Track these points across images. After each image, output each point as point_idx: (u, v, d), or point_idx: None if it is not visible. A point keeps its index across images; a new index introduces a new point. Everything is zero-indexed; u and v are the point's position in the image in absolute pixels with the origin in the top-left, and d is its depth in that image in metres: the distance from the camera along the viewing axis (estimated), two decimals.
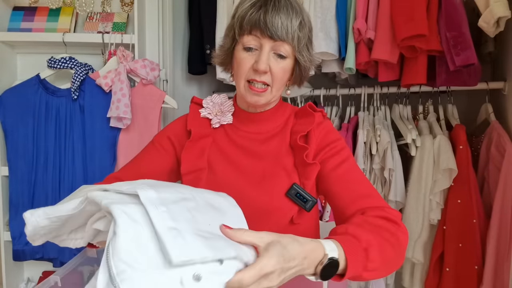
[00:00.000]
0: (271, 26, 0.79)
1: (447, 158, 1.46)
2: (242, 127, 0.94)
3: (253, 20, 0.80)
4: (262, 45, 0.82)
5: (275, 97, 0.88)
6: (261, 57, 0.81)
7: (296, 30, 0.81)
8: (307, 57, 0.87)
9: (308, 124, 0.90)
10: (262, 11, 0.80)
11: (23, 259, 1.53)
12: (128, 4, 1.65)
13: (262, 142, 0.92)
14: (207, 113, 0.96)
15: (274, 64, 0.83)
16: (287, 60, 0.84)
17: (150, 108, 1.51)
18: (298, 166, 0.88)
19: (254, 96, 0.85)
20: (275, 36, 0.80)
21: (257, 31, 0.81)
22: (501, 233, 1.44)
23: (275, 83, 0.84)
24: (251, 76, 0.84)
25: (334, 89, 1.78)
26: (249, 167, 0.90)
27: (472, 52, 1.38)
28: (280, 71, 0.83)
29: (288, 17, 0.80)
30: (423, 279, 1.60)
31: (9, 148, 1.52)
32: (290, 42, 0.81)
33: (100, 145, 1.49)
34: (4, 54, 1.60)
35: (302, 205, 0.85)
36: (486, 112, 1.62)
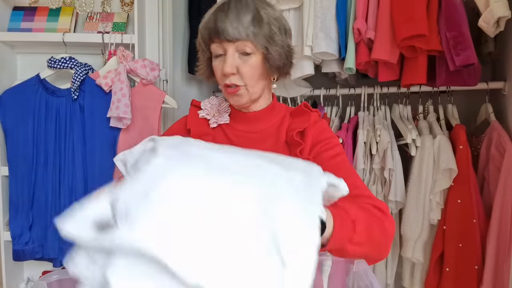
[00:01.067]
0: (223, 30, 0.83)
1: (447, 158, 1.46)
2: (238, 127, 0.97)
3: (209, 29, 0.86)
4: (226, 49, 0.86)
5: (256, 94, 0.91)
6: (226, 60, 0.85)
7: (248, 27, 0.83)
8: (274, 50, 0.87)
9: (304, 122, 0.93)
10: (213, 19, 0.85)
11: (23, 259, 1.53)
12: (128, 4, 1.65)
13: (258, 140, 0.95)
14: (205, 114, 0.99)
15: (241, 64, 0.86)
16: (253, 56, 0.86)
17: (150, 108, 1.51)
18: None
19: (233, 97, 0.90)
20: (230, 38, 0.83)
21: (215, 38, 0.85)
22: (501, 233, 1.44)
23: (248, 81, 0.87)
24: (223, 81, 0.88)
25: (334, 89, 1.78)
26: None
27: (472, 52, 1.38)
28: (248, 69, 0.86)
29: (237, 17, 0.83)
30: (423, 279, 1.60)
31: (9, 148, 1.52)
32: (246, 39, 0.84)
33: (100, 145, 1.49)
34: (4, 54, 1.60)
35: None
36: (486, 112, 1.62)
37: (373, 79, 1.66)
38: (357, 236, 0.67)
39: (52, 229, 1.50)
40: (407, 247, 1.58)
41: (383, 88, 1.72)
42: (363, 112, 1.73)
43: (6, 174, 1.54)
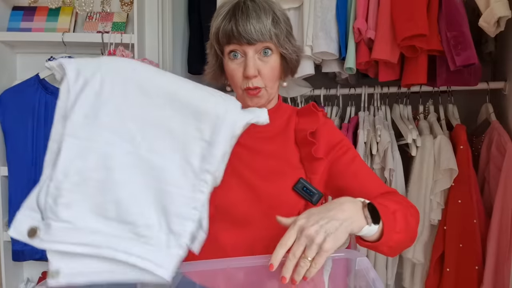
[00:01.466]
0: (245, 34, 0.82)
1: (447, 158, 1.46)
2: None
3: (227, 33, 0.84)
4: (246, 51, 0.85)
5: (273, 94, 0.92)
6: (248, 63, 0.85)
7: (270, 29, 0.83)
8: (290, 49, 0.89)
9: (314, 122, 0.93)
10: (233, 22, 0.83)
11: (22, 260, 1.53)
12: (128, 4, 1.65)
13: (267, 140, 0.95)
14: None
15: (262, 66, 0.86)
16: (273, 56, 0.87)
17: None
18: (305, 161, 0.91)
19: (253, 99, 0.89)
20: (252, 41, 0.83)
21: (233, 40, 0.84)
22: (501, 233, 1.44)
23: (268, 82, 0.87)
24: (244, 84, 0.87)
25: (334, 89, 1.78)
26: (256, 164, 0.92)
27: (472, 52, 1.38)
28: (269, 71, 0.87)
29: (259, 19, 0.83)
30: (424, 279, 1.60)
31: (9, 148, 1.52)
32: (269, 41, 0.84)
33: None
34: (4, 54, 1.60)
35: (309, 199, 0.88)
36: (487, 112, 1.62)
37: (373, 79, 1.66)
38: (398, 225, 0.72)
39: None
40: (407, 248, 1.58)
41: (383, 88, 1.71)
42: (363, 112, 1.73)
43: (5, 174, 1.54)
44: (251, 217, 0.90)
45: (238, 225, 0.91)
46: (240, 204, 0.90)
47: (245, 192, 0.90)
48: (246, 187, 0.90)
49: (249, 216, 0.90)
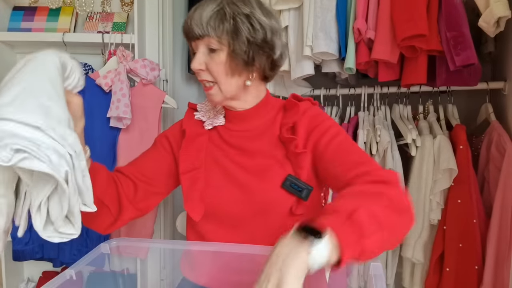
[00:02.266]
0: (188, 28, 0.87)
1: (447, 158, 1.46)
2: (232, 127, 0.97)
3: (183, 29, 0.90)
4: (197, 46, 0.88)
5: (230, 92, 0.90)
6: (195, 57, 0.88)
7: (208, 23, 0.84)
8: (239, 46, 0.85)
9: (293, 115, 0.93)
10: (186, 20, 0.88)
11: (23, 259, 1.53)
12: (128, 4, 1.65)
13: (253, 139, 0.95)
14: (200, 116, 1.01)
15: (209, 60, 0.87)
16: (219, 52, 0.86)
17: (150, 108, 1.51)
18: (290, 156, 0.90)
19: (209, 96, 0.92)
20: (194, 35, 0.86)
21: (189, 36, 0.89)
22: (501, 233, 1.44)
23: (217, 78, 0.88)
24: (198, 77, 0.91)
25: (334, 89, 1.78)
26: (245, 163, 0.93)
27: (472, 52, 1.38)
28: (214, 65, 0.87)
29: (200, 14, 0.85)
30: (423, 279, 1.60)
31: None
32: (208, 35, 0.85)
33: (100, 145, 1.49)
34: (4, 54, 1.60)
35: (298, 194, 0.87)
36: (486, 112, 1.62)
37: (373, 79, 1.66)
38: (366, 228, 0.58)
39: None
40: (407, 247, 1.58)
41: (383, 88, 1.72)
42: (363, 112, 1.73)
43: None
44: (241, 217, 0.90)
45: (228, 225, 0.92)
46: (231, 204, 0.90)
47: (235, 192, 0.91)
48: (236, 187, 0.91)
49: (239, 216, 0.90)
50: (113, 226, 0.94)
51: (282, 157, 0.91)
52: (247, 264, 0.85)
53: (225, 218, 0.92)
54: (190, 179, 0.93)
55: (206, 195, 0.92)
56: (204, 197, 0.92)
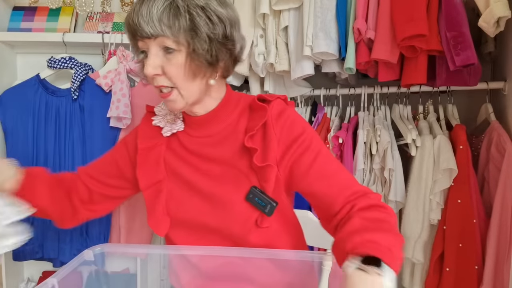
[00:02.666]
0: (137, 26, 0.74)
1: (447, 158, 1.46)
2: (192, 132, 0.89)
3: (128, 26, 0.77)
4: (148, 46, 0.77)
5: (192, 97, 0.81)
6: (148, 60, 0.76)
7: (161, 19, 0.73)
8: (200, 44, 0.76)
9: (258, 120, 0.83)
10: (131, 13, 0.76)
11: (23, 259, 1.53)
12: (128, 4, 1.65)
13: (214, 145, 0.87)
14: (157, 122, 0.91)
15: (166, 62, 0.77)
16: (177, 53, 0.76)
17: None
18: (254, 168, 0.82)
19: (167, 103, 0.82)
20: (143, 34, 0.74)
21: (136, 35, 0.76)
22: (501, 233, 1.44)
23: (177, 82, 0.78)
24: (152, 83, 0.80)
25: (334, 89, 1.78)
26: (206, 173, 0.86)
27: (472, 52, 1.38)
28: (173, 68, 0.77)
29: (148, 9, 0.73)
30: (423, 279, 1.60)
31: (9, 148, 1.52)
32: (163, 34, 0.74)
33: (100, 145, 1.49)
34: (4, 54, 1.60)
35: (262, 209, 0.81)
36: (486, 112, 1.62)
37: (373, 79, 1.66)
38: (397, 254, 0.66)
39: (52, 229, 1.50)
40: (407, 247, 1.58)
41: (383, 88, 1.72)
42: (363, 112, 1.73)
43: None
44: (207, 227, 0.86)
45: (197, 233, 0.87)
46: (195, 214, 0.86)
47: (199, 203, 0.85)
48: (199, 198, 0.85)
49: (205, 226, 0.86)
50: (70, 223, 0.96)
51: (247, 167, 0.83)
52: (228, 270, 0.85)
53: (193, 227, 0.87)
54: (152, 194, 0.88)
55: (170, 207, 0.88)
56: (168, 209, 0.87)
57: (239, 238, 0.85)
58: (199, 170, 0.87)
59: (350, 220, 0.73)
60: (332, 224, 0.80)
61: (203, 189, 0.86)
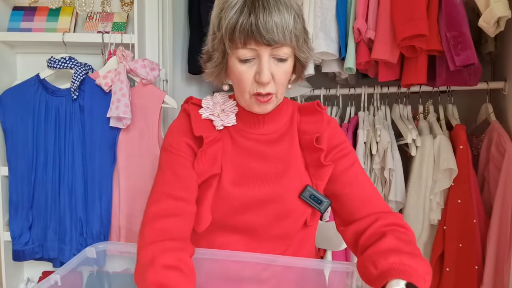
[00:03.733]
0: (266, 33, 0.70)
1: (447, 158, 1.46)
2: (247, 129, 0.88)
3: (245, 31, 0.71)
4: (260, 54, 0.74)
5: (281, 99, 0.85)
6: (263, 68, 0.74)
7: (292, 30, 0.73)
8: (307, 52, 0.81)
9: (319, 124, 0.88)
10: (253, 17, 0.70)
11: (23, 259, 1.53)
12: (128, 4, 1.65)
13: (270, 143, 0.88)
14: (208, 114, 0.87)
15: (276, 70, 0.76)
16: (288, 61, 0.77)
17: (150, 108, 1.51)
18: (310, 167, 0.86)
19: (262, 106, 0.81)
20: (273, 43, 0.72)
21: (251, 41, 0.72)
22: (501, 233, 1.44)
23: (279, 87, 0.79)
24: (255, 89, 0.78)
25: (334, 89, 1.78)
26: (259, 171, 0.86)
27: (472, 52, 1.38)
28: (282, 76, 0.78)
29: (281, 17, 0.71)
30: None
31: (9, 148, 1.52)
32: (289, 43, 0.74)
33: (100, 145, 1.49)
34: (4, 54, 1.60)
35: (317, 207, 0.84)
36: (486, 112, 1.62)
37: (373, 79, 1.66)
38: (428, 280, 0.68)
39: (52, 229, 1.50)
40: None
41: (383, 88, 1.72)
42: (363, 112, 1.73)
43: (6, 174, 1.54)
44: (256, 226, 0.85)
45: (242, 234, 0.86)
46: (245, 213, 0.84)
47: (250, 201, 0.84)
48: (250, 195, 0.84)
49: (254, 225, 0.85)
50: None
51: (301, 166, 0.86)
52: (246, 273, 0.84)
53: (238, 227, 0.86)
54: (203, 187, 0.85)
55: (217, 205, 0.85)
56: (214, 207, 0.85)
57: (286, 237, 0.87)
58: (252, 166, 0.86)
59: (385, 237, 0.74)
60: (350, 229, 0.83)
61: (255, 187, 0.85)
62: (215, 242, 0.87)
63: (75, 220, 1.48)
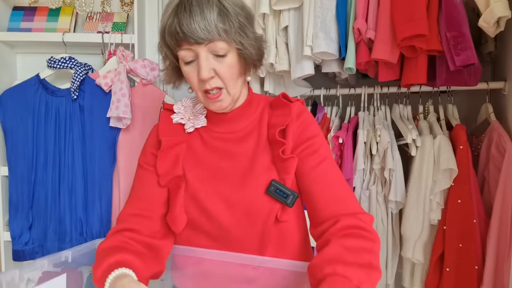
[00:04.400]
0: (191, 33, 0.75)
1: (447, 158, 1.46)
2: (216, 128, 0.91)
3: (173, 34, 0.78)
4: (197, 53, 0.78)
5: (236, 94, 0.86)
6: (201, 64, 0.78)
7: (217, 25, 0.76)
8: (247, 43, 0.81)
9: (285, 116, 0.87)
10: (176, 21, 0.76)
11: (22, 259, 1.53)
12: (128, 4, 1.65)
13: (237, 141, 0.89)
14: (179, 119, 0.92)
15: (217, 65, 0.80)
16: (228, 55, 0.80)
17: (150, 108, 1.51)
18: (276, 161, 0.86)
19: (216, 103, 0.83)
20: (200, 40, 0.76)
21: (183, 42, 0.77)
22: (501, 233, 1.44)
23: (227, 82, 0.81)
24: (202, 87, 0.82)
25: (334, 89, 1.78)
26: (226, 169, 0.87)
27: (472, 52, 1.38)
28: (226, 70, 0.80)
29: (203, 15, 0.75)
30: (423, 279, 1.60)
31: (9, 148, 1.52)
32: (218, 38, 0.76)
33: (100, 145, 1.49)
34: (4, 54, 1.60)
35: (283, 201, 0.83)
36: (486, 112, 1.62)
37: (373, 79, 1.66)
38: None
39: (52, 229, 1.50)
40: (407, 247, 1.58)
41: (383, 88, 1.71)
42: (363, 112, 1.73)
43: (6, 174, 1.54)
44: (226, 226, 0.85)
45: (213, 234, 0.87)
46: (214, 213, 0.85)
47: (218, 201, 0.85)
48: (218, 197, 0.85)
49: (223, 225, 0.85)
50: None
51: (268, 161, 0.86)
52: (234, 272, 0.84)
53: (209, 227, 0.86)
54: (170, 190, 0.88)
55: (188, 205, 0.87)
56: (186, 207, 0.87)
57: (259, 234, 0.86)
58: (219, 166, 0.88)
59: (328, 245, 0.73)
60: (316, 233, 0.82)
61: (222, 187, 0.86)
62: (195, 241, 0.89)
63: (75, 220, 1.49)
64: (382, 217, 1.60)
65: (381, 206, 1.60)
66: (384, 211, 1.60)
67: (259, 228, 0.85)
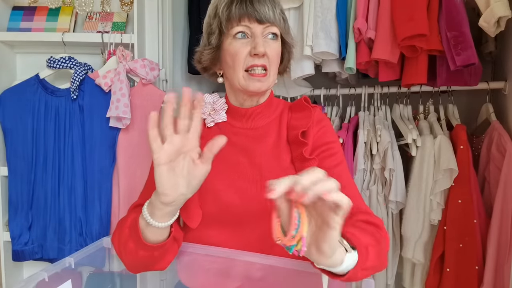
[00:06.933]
0: (259, 11, 0.83)
1: (447, 158, 1.46)
2: (236, 124, 0.93)
3: (241, 11, 0.83)
4: (253, 31, 0.84)
5: (272, 83, 0.90)
6: (258, 40, 0.83)
7: (280, 13, 0.86)
8: (291, 41, 0.92)
9: (306, 119, 0.91)
10: (246, 2, 0.84)
11: (22, 260, 1.53)
12: (128, 3, 1.65)
13: (257, 138, 0.91)
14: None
15: (268, 47, 0.85)
16: (278, 40, 0.88)
17: (150, 108, 1.51)
18: (296, 161, 0.88)
19: (256, 83, 0.86)
20: (264, 19, 0.83)
21: (245, 18, 0.83)
22: (501, 233, 1.44)
23: (272, 65, 0.87)
24: (249, 62, 0.85)
25: (334, 89, 1.78)
26: (244, 164, 0.89)
27: (472, 52, 1.38)
28: (275, 53, 0.86)
29: (272, 4, 0.85)
30: (424, 279, 1.60)
31: (8, 148, 1.52)
32: (278, 24, 0.85)
33: (100, 145, 1.49)
34: (4, 54, 1.60)
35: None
36: (487, 112, 1.62)
37: (373, 79, 1.66)
38: (368, 262, 0.67)
39: (52, 229, 1.50)
40: (407, 248, 1.58)
41: (383, 88, 1.71)
42: (363, 112, 1.73)
43: (5, 174, 1.54)
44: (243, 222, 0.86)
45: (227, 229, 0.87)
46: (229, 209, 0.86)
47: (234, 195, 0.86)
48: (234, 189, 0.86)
49: (241, 221, 0.86)
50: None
51: (287, 161, 0.88)
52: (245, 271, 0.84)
53: (224, 222, 0.87)
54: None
55: (205, 200, 0.88)
56: (202, 202, 0.87)
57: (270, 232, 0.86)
58: (238, 162, 0.89)
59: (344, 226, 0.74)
60: None
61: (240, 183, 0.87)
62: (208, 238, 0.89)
63: (74, 220, 1.48)
64: (383, 217, 1.60)
65: (381, 206, 1.60)
66: (384, 211, 1.60)
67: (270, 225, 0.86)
